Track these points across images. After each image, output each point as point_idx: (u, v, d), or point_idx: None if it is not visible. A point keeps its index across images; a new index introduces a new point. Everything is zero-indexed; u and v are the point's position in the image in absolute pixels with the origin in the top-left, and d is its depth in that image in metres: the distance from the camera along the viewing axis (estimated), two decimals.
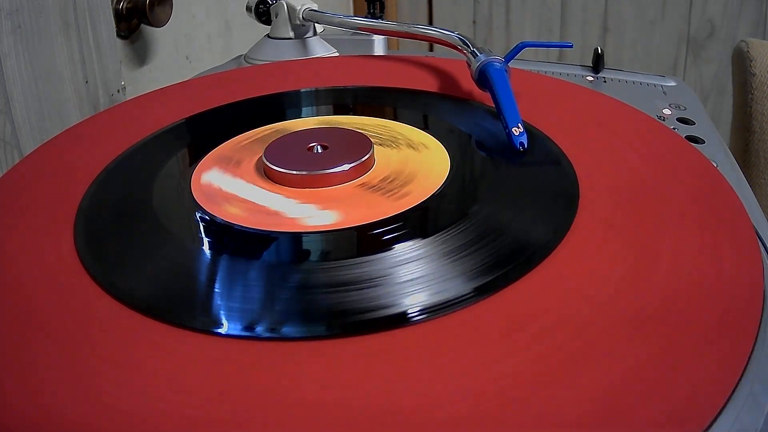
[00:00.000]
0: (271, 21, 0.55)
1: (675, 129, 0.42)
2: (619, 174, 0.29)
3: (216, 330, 0.22)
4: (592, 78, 0.52)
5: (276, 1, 0.54)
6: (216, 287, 0.24)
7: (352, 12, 1.20)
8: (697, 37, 1.14)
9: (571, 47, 0.40)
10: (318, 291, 0.23)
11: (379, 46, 0.58)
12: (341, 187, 0.29)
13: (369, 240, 0.26)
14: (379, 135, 0.34)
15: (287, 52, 0.54)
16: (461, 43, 0.41)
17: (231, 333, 0.22)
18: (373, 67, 0.45)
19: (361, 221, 0.27)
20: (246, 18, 0.58)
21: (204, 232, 0.27)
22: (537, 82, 0.41)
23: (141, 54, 0.66)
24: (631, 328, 0.21)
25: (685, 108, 0.46)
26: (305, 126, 0.35)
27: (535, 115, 0.35)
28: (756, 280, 0.23)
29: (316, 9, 0.53)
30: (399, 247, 0.25)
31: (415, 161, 0.31)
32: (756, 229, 0.27)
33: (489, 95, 0.35)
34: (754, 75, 0.67)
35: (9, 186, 0.32)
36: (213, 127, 0.37)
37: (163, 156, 0.33)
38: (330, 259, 0.25)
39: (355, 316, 0.22)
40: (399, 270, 0.24)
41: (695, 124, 0.44)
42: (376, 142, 0.33)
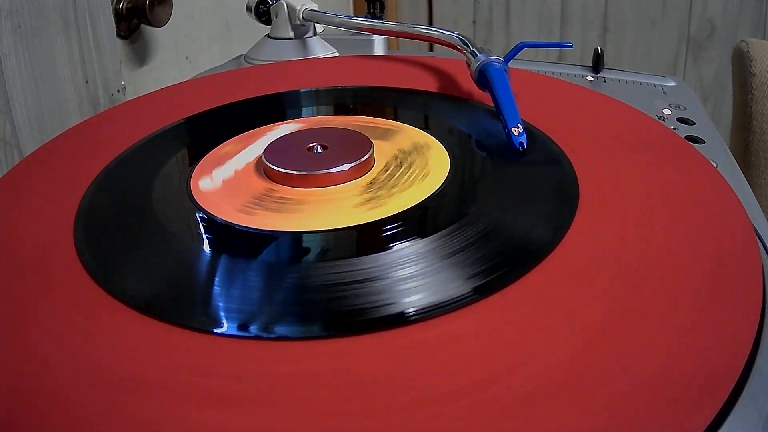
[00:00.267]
0: (271, 21, 0.55)
1: (675, 129, 0.42)
2: (619, 174, 0.29)
3: (215, 330, 0.22)
4: (592, 78, 0.52)
5: (276, 1, 0.54)
6: (216, 287, 0.24)
7: (352, 12, 1.20)
8: (697, 37, 1.14)
9: (571, 47, 0.40)
10: (317, 291, 0.23)
11: (379, 46, 0.58)
12: (343, 186, 0.29)
13: (368, 240, 0.26)
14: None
15: (287, 52, 0.54)
16: (461, 43, 0.41)
17: (230, 333, 0.22)
18: (373, 67, 0.45)
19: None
20: (246, 18, 0.58)
21: (204, 231, 0.27)
22: (537, 82, 0.41)
23: (141, 54, 0.66)
24: (631, 328, 0.21)
25: (685, 108, 0.46)
26: (305, 126, 0.35)
27: (535, 115, 0.35)
28: (756, 280, 0.23)
29: (316, 9, 0.53)
30: (398, 247, 0.25)
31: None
32: (756, 229, 0.27)
33: (489, 95, 0.35)
34: (754, 75, 0.67)
35: (9, 186, 0.32)
36: (213, 127, 0.37)
37: (163, 156, 0.33)
38: (329, 259, 0.25)
39: (355, 315, 0.22)
40: (398, 270, 0.24)
41: (695, 124, 0.44)
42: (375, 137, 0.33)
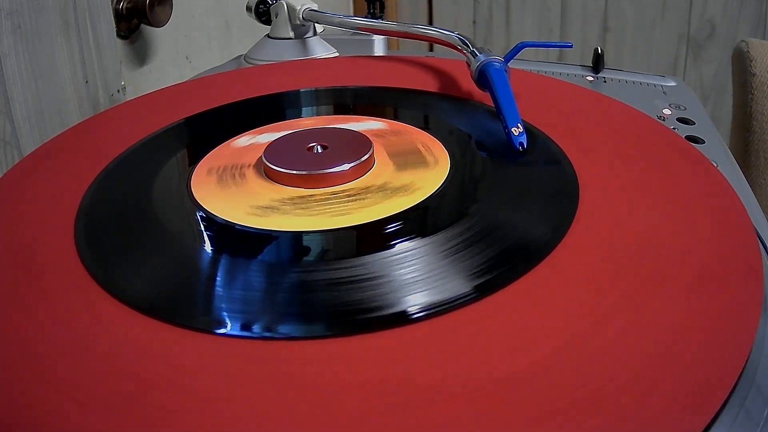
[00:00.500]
0: (271, 21, 0.55)
1: (675, 129, 0.42)
2: (619, 174, 0.29)
3: (216, 330, 0.22)
4: (592, 78, 0.52)
5: (276, 1, 0.54)
6: (216, 287, 0.24)
7: (352, 12, 1.20)
8: (697, 37, 1.14)
9: (571, 47, 0.40)
10: (319, 290, 0.23)
11: (379, 46, 0.58)
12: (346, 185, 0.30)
13: (369, 239, 0.26)
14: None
15: (287, 52, 0.54)
16: (461, 43, 0.41)
17: (231, 333, 0.22)
18: (373, 67, 0.45)
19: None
20: (246, 18, 0.58)
21: (204, 231, 0.27)
22: (537, 82, 0.41)
23: (141, 54, 0.66)
24: (632, 327, 0.21)
25: (685, 108, 0.46)
26: (306, 126, 0.35)
27: (535, 115, 0.35)
28: (756, 280, 0.23)
29: (316, 9, 0.53)
30: (399, 247, 0.25)
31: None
32: (756, 229, 0.27)
33: (489, 95, 0.35)
34: (754, 75, 0.67)
35: (9, 186, 0.32)
36: (213, 127, 0.37)
37: (163, 156, 0.33)
38: (330, 259, 0.25)
39: (355, 315, 0.22)
40: (399, 269, 0.24)
41: (695, 124, 0.44)
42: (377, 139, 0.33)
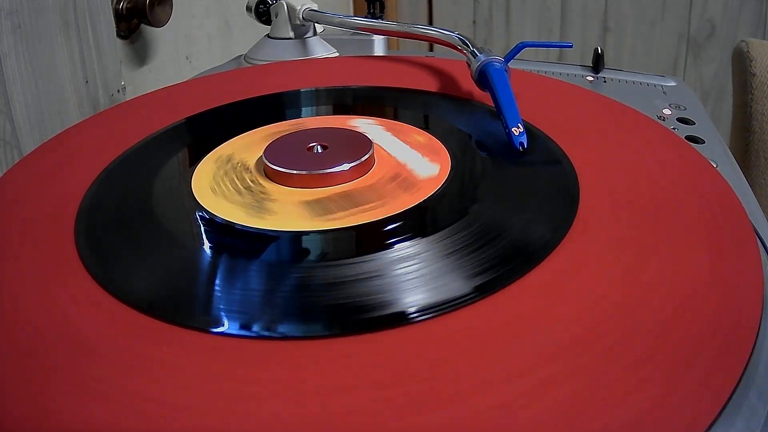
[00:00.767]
0: (271, 21, 0.55)
1: (675, 129, 0.42)
2: (619, 174, 0.29)
3: (216, 329, 0.22)
4: (592, 78, 0.52)
5: (276, 1, 0.54)
6: (216, 287, 0.24)
7: (352, 12, 1.20)
8: (697, 37, 1.14)
9: (571, 47, 0.40)
10: (318, 290, 0.23)
11: (379, 46, 0.58)
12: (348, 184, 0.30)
13: (369, 239, 0.26)
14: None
15: (287, 52, 0.54)
16: (461, 43, 0.41)
17: (231, 332, 0.22)
18: (373, 67, 0.45)
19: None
20: (246, 18, 0.58)
21: (204, 231, 0.27)
22: (537, 82, 0.41)
23: (141, 54, 0.66)
24: (632, 328, 0.21)
25: (685, 108, 0.46)
26: (305, 126, 0.35)
27: (535, 115, 0.35)
28: (756, 280, 0.23)
29: (316, 9, 0.53)
30: (399, 247, 0.25)
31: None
32: (756, 229, 0.27)
33: (489, 95, 0.35)
34: (754, 75, 0.67)
35: (9, 186, 0.32)
36: (213, 127, 0.37)
37: (163, 156, 0.33)
38: (330, 259, 0.25)
39: (355, 315, 0.22)
40: (399, 269, 0.24)
41: (695, 124, 0.44)
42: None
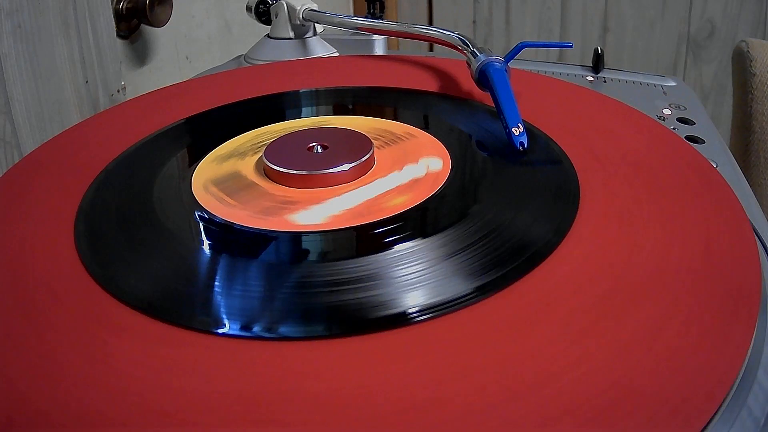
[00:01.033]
0: (271, 21, 0.55)
1: (675, 129, 0.42)
2: (620, 174, 0.29)
3: (216, 330, 0.22)
4: (592, 78, 0.52)
5: (276, 1, 0.54)
6: (216, 287, 0.24)
7: (352, 12, 1.20)
8: (697, 37, 1.14)
9: (571, 47, 0.40)
10: (318, 291, 0.23)
11: (379, 46, 0.58)
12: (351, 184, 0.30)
13: (369, 240, 0.26)
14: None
15: (287, 52, 0.54)
16: (461, 43, 0.41)
17: (231, 333, 0.22)
18: (373, 67, 0.45)
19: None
20: (246, 18, 0.58)
21: (204, 231, 0.27)
22: (537, 82, 0.41)
23: (141, 54, 0.66)
24: (632, 327, 0.21)
25: (685, 108, 0.46)
26: (305, 126, 0.35)
27: (536, 115, 0.35)
28: (755, 280, 0.23)
29: (316, 9, 0.53)
30: (399, 247, 0.25)
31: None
32: (756, 229, 0.27)
33: (489, 95, 0.35)
34: (754, 75, 0.67)
35: (9, 186, 0.32)
36: (213, 128, 0.37)
37: (163, 156, 0.33)
38: (330, 259, 0.25)
39: (356, 315, 0.22)
40: (399, 270, 0.24)
41: (695, 124, 0.44)
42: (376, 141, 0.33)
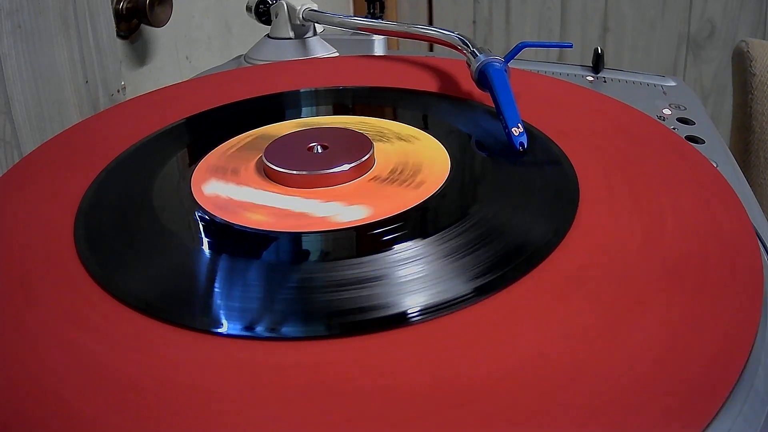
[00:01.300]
0: (271, 21, 0.55)
1: (675, 129, 0.42)
2: (620, 174, 0.29)
3: (216, 330, 0.22)
4: (592, 78, 0.52)
5: (276, 1, 0.54)
6: (216, 287, 0.24)
7: (352, 12, 1.20)
8: (697, 37, 1.14)
9: (571, 47, 0.40)
10: (318, 291, 0.23)
11: (379, 46, 0.58)
12: (353, 183, 0.30)
13: (369, 240, 0.26)
14: (381, 135, 0.34)
15: (287, 52, 0.54)
16: (461, 43, 0.41)
17: (231, 333, 0.22)
18: (373, 67, 0.45)
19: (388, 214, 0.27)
20: (246, 18, 0.58)
21: (204, 231, 0.27)
22: (537, 82, 0.41)
23: (141, 54, 0.66)
24: (632, 327, 0.21)
25: (685, 108, 0.46)
26: (303, 127, 0.35)
27: (535, 116, 0.35)
28: (756, 280, 0.23)
29: (316, 9, 0.53)
30: (399, 247, 0.25)
31: (415, 154, 0.31)
32: (756, 229, 0.27)
33: (489, 95, 0.35)
34: (754, 75, 0.67)
35: (9, 185, 0.32)
36: (213, 127, 0.37)
37: (164, 156, 0.33)
38: (330, 260, 0.25)
39: (355, 316, 0.22)
40: (399, 270, 0.24)
41: (695, 124, 0.44)
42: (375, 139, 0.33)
